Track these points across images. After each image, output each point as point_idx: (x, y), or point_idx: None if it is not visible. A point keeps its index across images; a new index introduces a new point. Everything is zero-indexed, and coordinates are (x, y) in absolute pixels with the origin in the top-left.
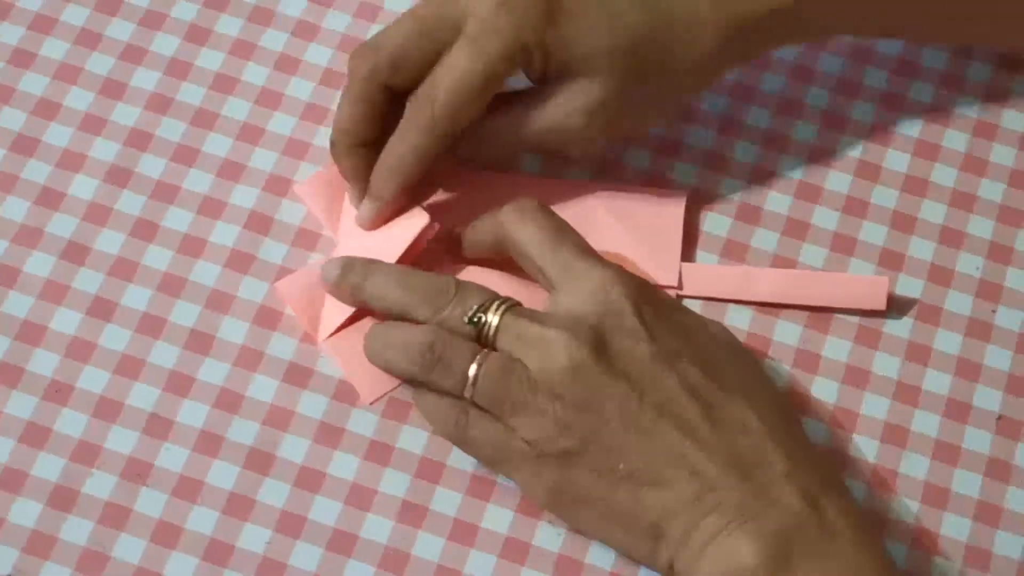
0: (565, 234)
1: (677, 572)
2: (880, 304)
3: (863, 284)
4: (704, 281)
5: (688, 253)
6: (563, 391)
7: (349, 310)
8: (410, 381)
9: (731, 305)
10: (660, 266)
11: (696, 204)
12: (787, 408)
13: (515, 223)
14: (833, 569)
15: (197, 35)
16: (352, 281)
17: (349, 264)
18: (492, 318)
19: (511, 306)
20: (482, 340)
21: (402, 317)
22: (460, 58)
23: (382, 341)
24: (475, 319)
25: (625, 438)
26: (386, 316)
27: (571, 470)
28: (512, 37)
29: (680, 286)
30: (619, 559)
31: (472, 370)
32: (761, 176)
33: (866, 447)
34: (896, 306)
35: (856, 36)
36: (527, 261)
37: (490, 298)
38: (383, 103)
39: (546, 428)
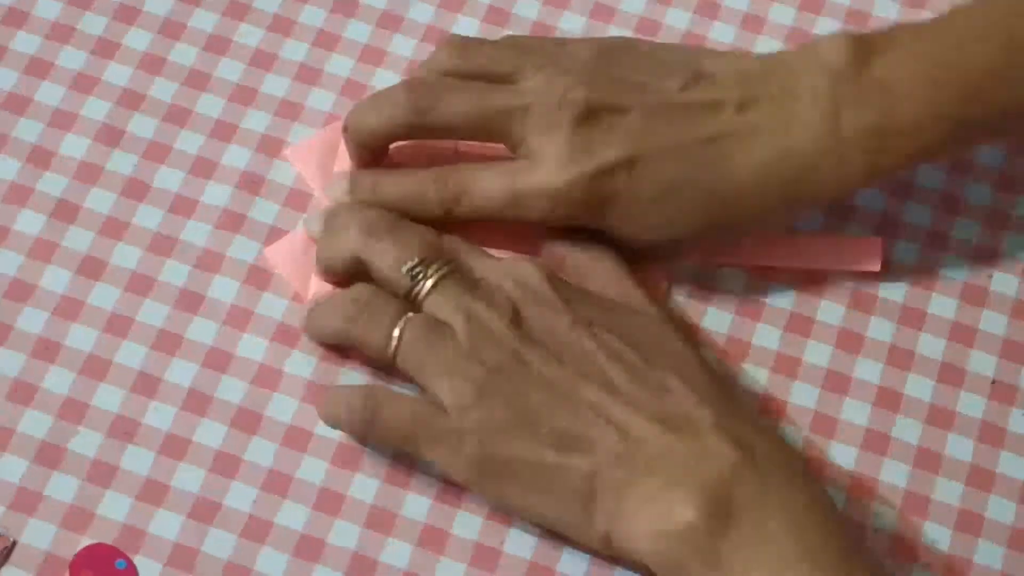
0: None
1: (615, 542)
2: (875, 265)
3: (858, 245)
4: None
5: None
6: (481, 356)
7: None
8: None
9: (724, 269)
10: None
11: None
12: (714, 375)
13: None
14: (774, 514)
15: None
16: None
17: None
18: (429, 280)
19: (449, 272)
20: (412, 296)
21: (360, 254)
22: (497, 197)
23: (316, 312)
24: (414, 272)
25: (547, 401)
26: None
27: (493, 438)
28: (552, 218)
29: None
30: (592, 565)
31: (397, 329)
32: None
33: (858, 411)
34: (892, 271)
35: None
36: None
37: (433, 256)
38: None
39: (467, 392)
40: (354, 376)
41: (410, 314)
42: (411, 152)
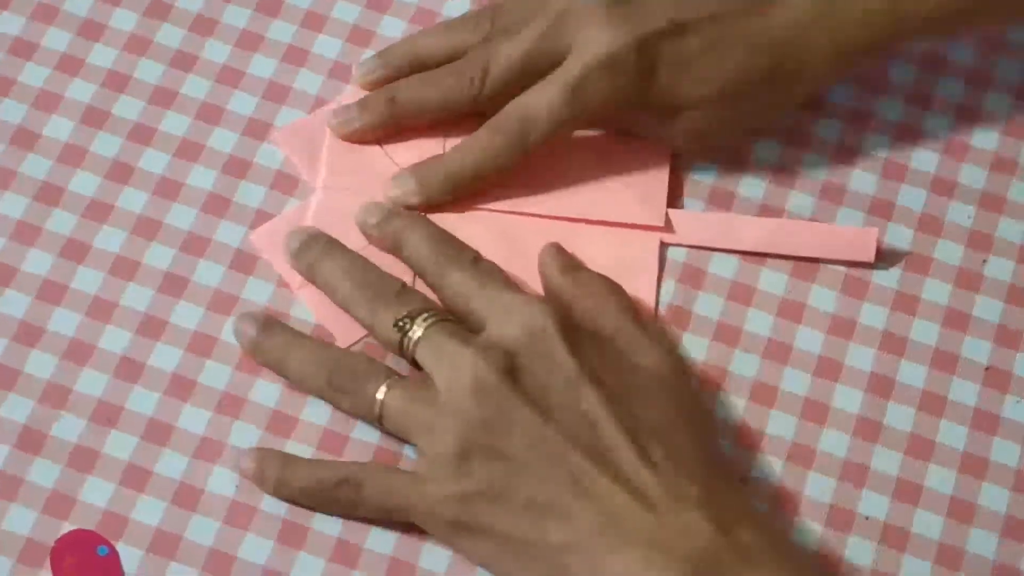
0: (492, 273)
1: None
2: (869, 256)
3: (851, 235)
4: (689, 228)
5: (673, 201)
6: (465, 410)
7: None
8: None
9: (716, 253)
10: (646, 208)
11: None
12: (713, 447)
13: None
14: None
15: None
16: (308, 259)
17: (312, 238)
18: (417, 329)
19: (440, 320)
20: (403, 348)
21: (343, 307)
22: (556, 101)
23: (291, 352)
24: (401, 324)
25: (528, 464)
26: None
27: (469, 505)
28: (612, 93)
29: (668, 227)
30: None
31: (380, 393)
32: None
33: (850, 398)
34: (885, 256)
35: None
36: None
37: (424, 308)
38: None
39: (447, 445)
40: None
41: (394, 377)
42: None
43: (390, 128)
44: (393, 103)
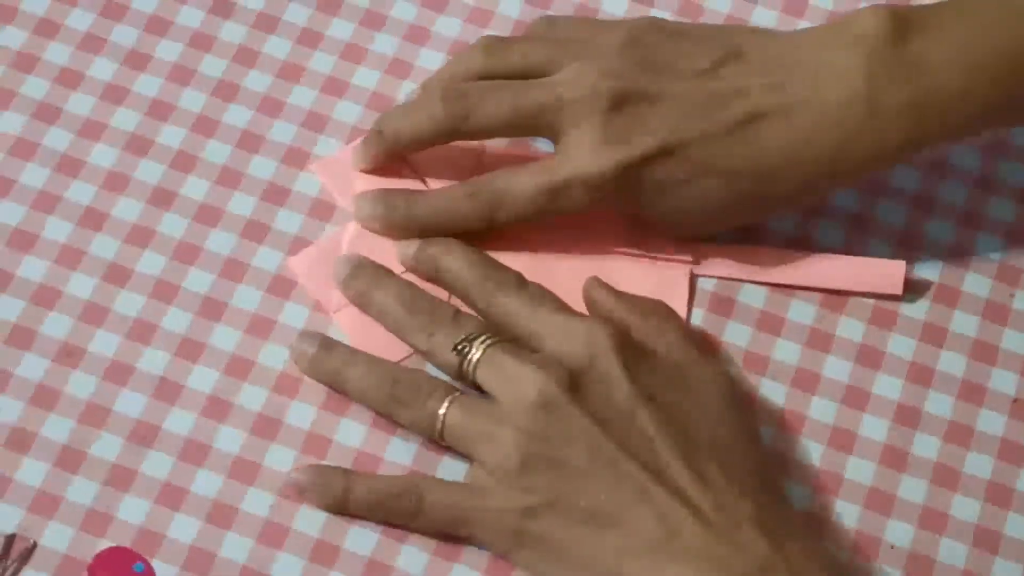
0: (543, 296)
1: None
2: (897, 288)
3: (880, 267)
4: (719, 260)
5: None
6: (528, 424)
7: None
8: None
9: (746, 283)
10: (676, 241)
11: None
12: (764, 462)
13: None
14: None
15: (221, 8)
16: (358, 287)
17: (360, 266)
18: (476, 351)
19: (499, 341)
20: (463, 370)
21: (396, 334)
22: (534, 194)
23: (351, 367)
24: (460, 347)
25: (589, 476)
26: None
27: (531, 513)
28: (590, 204)
29: (697, 260)
30: None
31: (442, 409)
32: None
33: (877, 427)
34: (913, 288)
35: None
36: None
37: (482, 331)
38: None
39: (510, 457)
40: None
41: (456, 392)
42: (434, 153)
43: (385, 158)
44: (380, 135)
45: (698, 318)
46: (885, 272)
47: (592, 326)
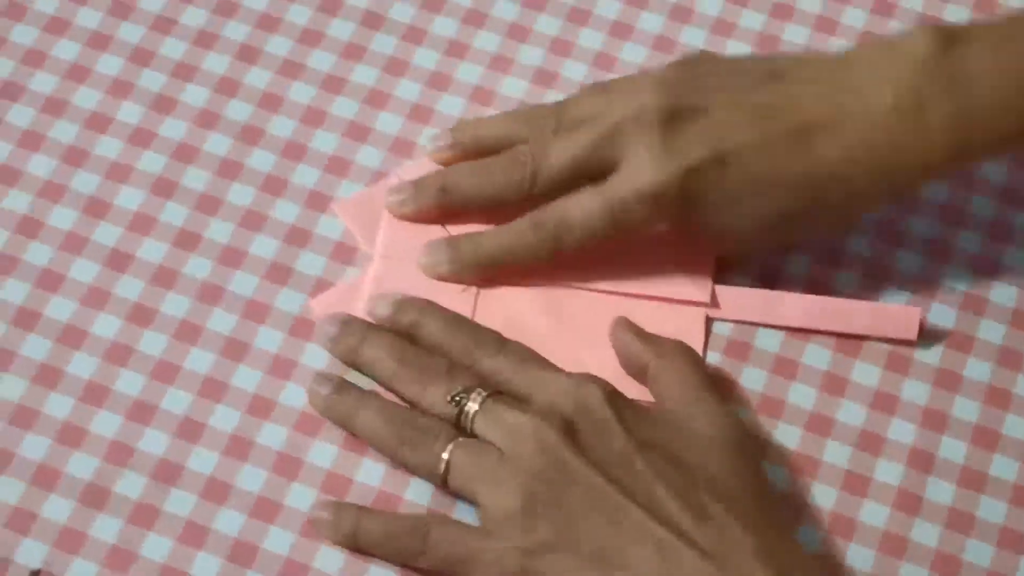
0: (526, 354)
1: None
2: (912, 334)
3: (895, 313)
4: (734, 303)
5: (720, 276)
6: (529, 467)
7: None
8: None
9: (761, 328)
10: (692, 283)
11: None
12: (770, 500)
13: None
14: None
15: (248, 54)
16: (349, 343)
17: (348, 323)
18: (473, 403)
19: (495, 393)
20: (460, 423)
21: (388, 387)
22: (596, 216)
23: (361, 409)
24: (457, 399)
25: (589, 517)
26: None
27: (535, 555)
28: (652, 220)
29: (714, 304)
30: None
31: (446, 453)
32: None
33: (891, 471)
34: (927, 334)
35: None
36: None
37: (477, 383)
38: None
39: (511, 499)
40: None
41: (460, 438)
42: None
43: (440, 213)
44: (444, 192)
45: (714, 362)
46: (900, 318)
47: (581, 381)
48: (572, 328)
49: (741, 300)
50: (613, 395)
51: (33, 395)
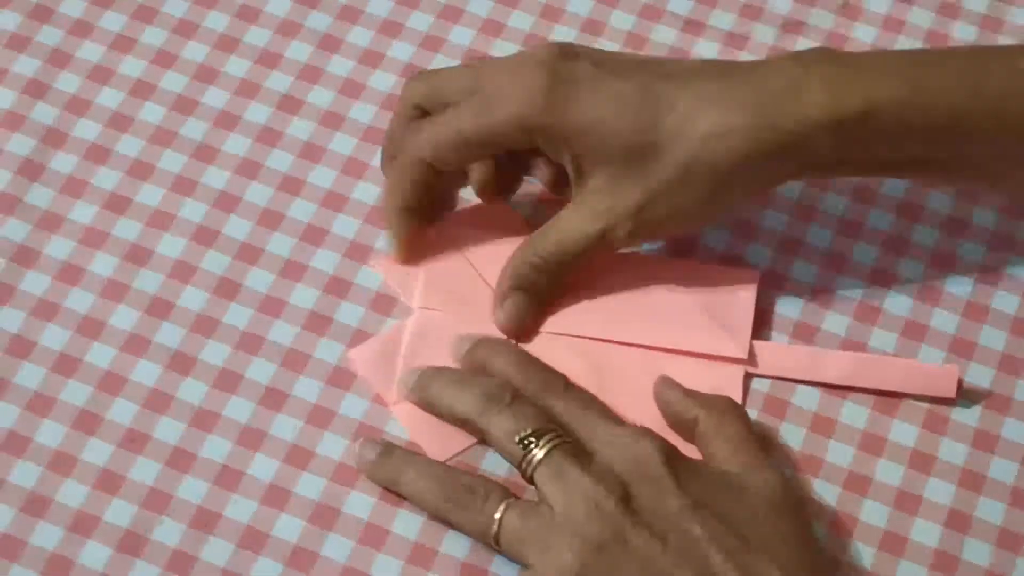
0: (590, 401)
1: None
2: (950, 392)
3: (933, 371)
4: (773, 360)
5: (758, 333)
6: (584, 532)
7: None
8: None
9: (799, 385)
10: (731, 340)
11: (768, 286)
12: (821, 561)
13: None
14: None
15: (290, 105)
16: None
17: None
18: (540, 450)
19: (561, 443)
20: (523, 465)
21: (453, 412)
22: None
23: (408, 469)
24: (526, 442)
25: None
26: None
27: None
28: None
29: (751, 361)
30: None
31: (498, 513)
32: (833, 261)
33: (928, 531)
34: (966, 394)
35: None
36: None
37: (544, 426)
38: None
39: (565, 563)
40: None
41: (512, 498)
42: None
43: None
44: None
45: (752, 418)
46: (939, 377)
47: (639, 437)
48: (611, 382)
49: (779, 356)
50: (670, 451)
51: (72, 441)
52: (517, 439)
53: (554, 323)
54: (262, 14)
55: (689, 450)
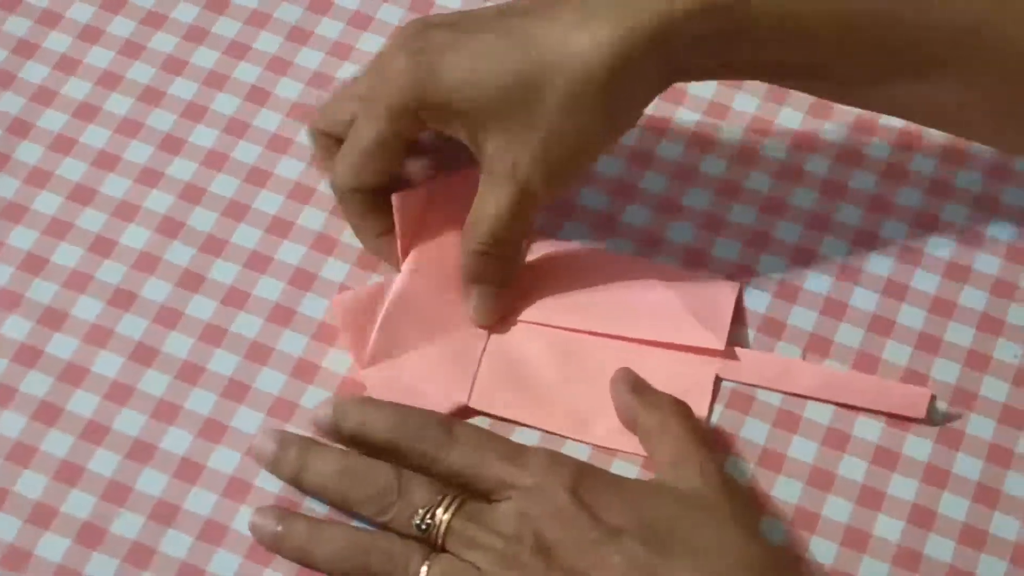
0: (479, 439)
1: None
2: (920, 413)
3: (905, 392)
4: (745, 364)
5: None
6: None
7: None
8: None
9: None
10: (709, 331)
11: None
12: (763, 557)
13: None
14: None
15: (257, 96)
16: (289, 463)
17: (287, 442)
18: (441, 518)
19: (460, 506)
20: (433, 541)
21: (342, 508)
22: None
23: (319, 540)
24: (422, 525)
25: None
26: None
27: None
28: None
29: (724, 362)
30: None
31: (422, 573)
32: (803, 257)
33: (891, 528)
34: (932, 390)
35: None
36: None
37: (438, 496)
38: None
39: None
40: None
41: (432, 554)
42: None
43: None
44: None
45: (717, 414)
46: (910, 397)
47: (544, 473)
48: (583, 371)
49: (751, 362)
50: (577, 479)
51: (32, 432)
52: (415, 523)
53: (532, 313)
54: (231, 5)
55: None
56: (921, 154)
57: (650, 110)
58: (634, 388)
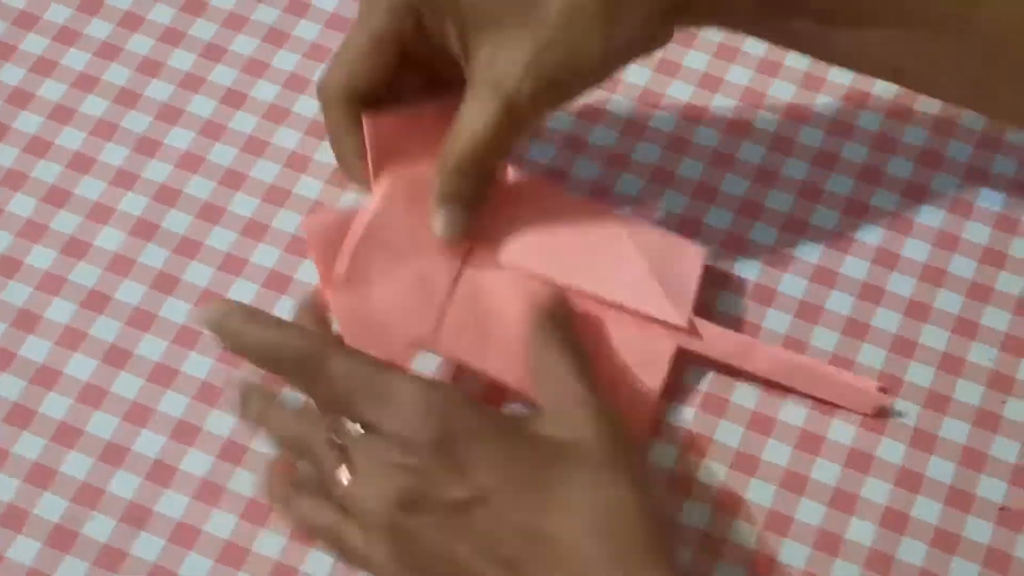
0: (361, 376)
1: None
2: (866, 410)
3: (857, 388)
4: (707, 339)
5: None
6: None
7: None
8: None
9: (740, 383)
10: (672, 306)
11: (711, 284)
12: (630, 512)
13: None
14: None
15: (233, 99)
16: (231, 328)
17: (227, 310)
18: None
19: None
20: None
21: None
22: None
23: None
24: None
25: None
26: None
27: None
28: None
29: (692, 331)
30: None
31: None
32: (779, 259)
33: (864, 531)
34: (905, 393)
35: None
36: None
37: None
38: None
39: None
40: None
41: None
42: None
43: None
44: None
45: (690, 416)
46: (862, 396)
47: (407, 424)
48: None
49: (714, 338)
50: (447, 438)
51: (4, 434)
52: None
53: (501, 251)
54: (208, 7)
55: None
56: (912, 125)
57: (644, 81)
58: (537, 324)
